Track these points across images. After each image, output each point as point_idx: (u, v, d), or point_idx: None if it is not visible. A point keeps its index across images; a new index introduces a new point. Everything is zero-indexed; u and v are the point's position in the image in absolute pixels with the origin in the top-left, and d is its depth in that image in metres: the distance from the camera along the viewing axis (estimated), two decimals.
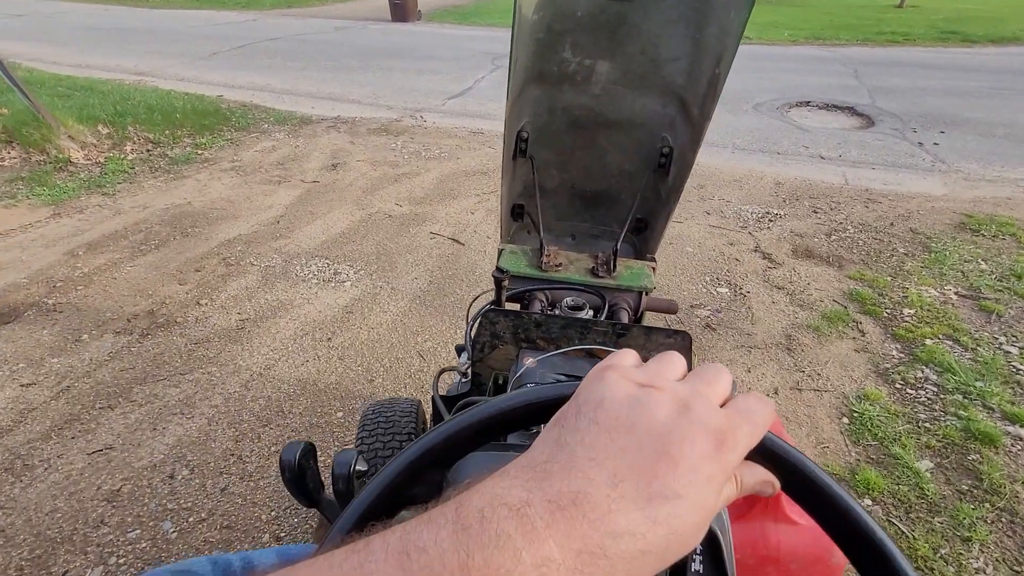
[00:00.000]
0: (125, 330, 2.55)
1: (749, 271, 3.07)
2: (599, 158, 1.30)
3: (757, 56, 8.94)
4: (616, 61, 1.12)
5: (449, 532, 0.23)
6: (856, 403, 2.14)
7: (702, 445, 0.27)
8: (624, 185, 1.34)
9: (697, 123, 1.14)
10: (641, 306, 1.20)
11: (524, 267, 1.22)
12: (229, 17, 12.63)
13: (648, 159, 1.26)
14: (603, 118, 1.23)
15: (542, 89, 1.19)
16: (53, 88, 6.42)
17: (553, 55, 1.12)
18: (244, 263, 3.11)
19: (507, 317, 0.96)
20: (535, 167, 1.29)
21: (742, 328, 2.59)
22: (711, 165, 4.57)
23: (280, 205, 3.86)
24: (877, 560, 0.31)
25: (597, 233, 1.46)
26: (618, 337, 0.92)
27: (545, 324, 0.95)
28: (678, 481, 0.26)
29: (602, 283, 1.19)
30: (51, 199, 3.90)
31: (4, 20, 11.94)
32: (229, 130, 5.47)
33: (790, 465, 0.33)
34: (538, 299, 1.17)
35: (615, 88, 1.17)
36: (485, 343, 0.98)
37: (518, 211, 1.42)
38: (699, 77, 1.09)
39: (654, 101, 1.17)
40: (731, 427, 0.29)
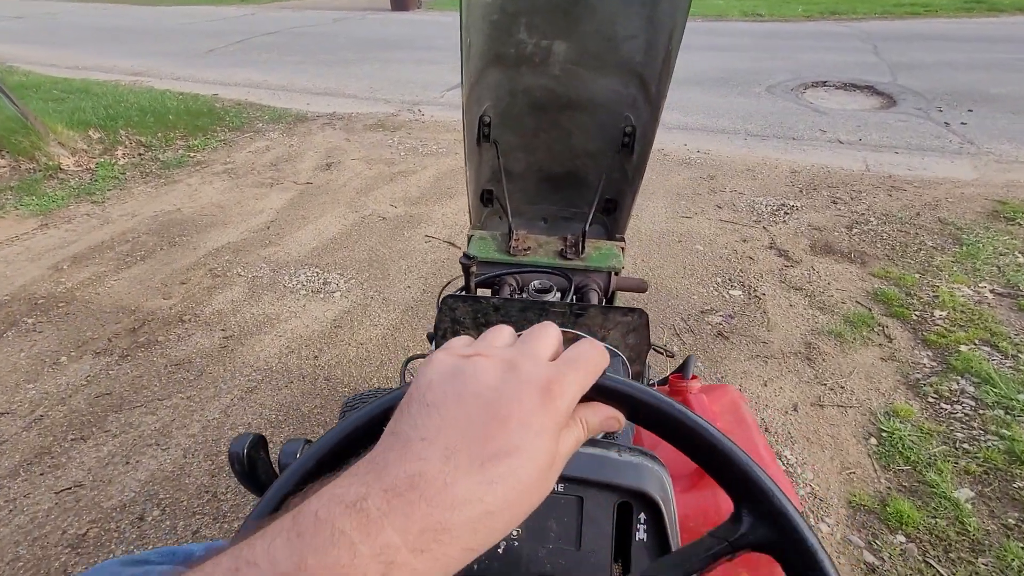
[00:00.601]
0: (105, 350, 2.43)
1: (764, 270, 2.87)
2: (564, 140, 1.31)
3: (769, 34, 8.58)
4: (573, 41, 1.11)
5: (283, 541, 0.24)
6: (885, 421, 1.95)
7: (529, 399, 0.29)
8: (590, 166, 1.34)
9: (655, 101, 1.14)
10: (611, 286, 1.20)
11: (493, 252, 1.22)
12: (228, 12, 12.46)
13: (612, 139, 1.26)
14: (565, 99, 1.22)
15: (501, 72, 1.18)
16: (48, 92, 6.33)
17: (509, 37, 1.11)
18: (231, 274, 2.98)
19: (466, 303, 0.96)
20: (500, 151, 1.29)
21: (757, 335, 2.41)
22: (722, 153, 4.34)
23: (271, 209, 3.73)
24: (732, 470, 0.35)
25: (568, 215, 1.46)
26: (576, 317, 0.93)
27: (503, 308, 0.95)
28: (510, 439, 0.27)
29: (570, 265, 1.18)
30: (40, 209, 3.80)
31: (5, 23, 11.90)
32: (223, 130, 5.33)
33: (628, 397, 0.35)
34: (508, 284, 1.17)
35: (574, 68, 1.16)
36: (447, 329, 0.98)
37: (487, 196, 1.42)
38: (655, 54, 1.09)
39: (614, 80, 1.17)
40: (558, 376, 0.30)
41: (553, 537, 0.51)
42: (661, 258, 3.01)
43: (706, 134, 4.79)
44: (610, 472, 0.52)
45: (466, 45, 1.07)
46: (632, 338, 0.92)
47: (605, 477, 0.52)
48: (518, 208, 1.42)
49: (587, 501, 0.52)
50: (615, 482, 0.52)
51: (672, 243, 3.16)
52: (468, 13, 1.03)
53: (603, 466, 0.53)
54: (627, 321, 0.91)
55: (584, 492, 0.52)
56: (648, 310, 1.31)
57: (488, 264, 1.22)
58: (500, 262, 1.21)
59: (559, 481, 0.43)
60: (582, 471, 0.52)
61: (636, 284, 1.27)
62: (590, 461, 0.53)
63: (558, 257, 1.20)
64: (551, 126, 1.28)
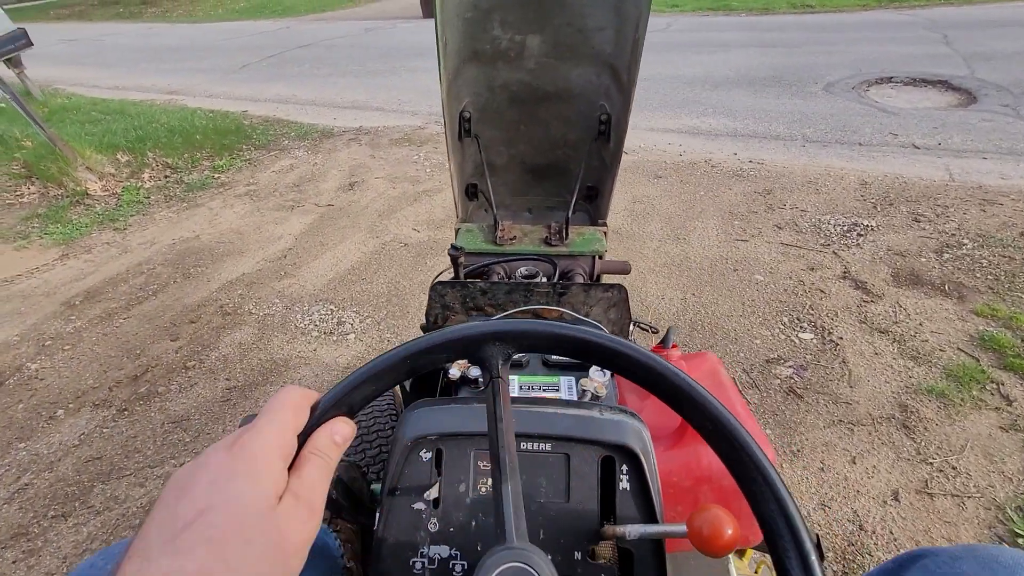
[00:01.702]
0: (105, 401, 2.26)
1: (839, 307, 2.45)
2: (543, 131, 1.33)
3: (822, 26, 7.96)
4: (546, 34, 1.14)
5: None
6: (1018, 518, 1.54)
7: (215, 459, 0.33)
8: (570, 155, 1.37)
9: (627, 89, 1.16)
10: (595, 269, 1.24)
11: (480, 243, 1.26)
12: (264, 26, 12.63)
13: (589, 128, 1.29)
14: (542, 91, 1.25)
15: (478, 68, 1.21)
16: (87, 113, 6.42)
17: (484, 34, 1.14)
18: (242, 311, 2.78)
19: (454, 288, 0.99)
20: (481, 146, 1.32)
21: (837, 393, 2.01)
22: (778, 163, 3.90)
23: (290, 236, 3.54)
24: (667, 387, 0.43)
25: (551, 204, 1.49)
26: (560, 296, 0.97)
27: (490, 291, 0.98)
28: (195, 503, 0.31)
29: (555, 251, 1.23)
30: (63, 238, 3.74)
31: (59, 46, 12.42)
32: (249, 149, 5.23)
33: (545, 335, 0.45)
34: (496, 272, 1.21)
35: (549, 61, 1.19)
36: (437, 315, 1.01)
37: (472, 190, 1.44)
38: (624, 44, 1.12)
39: (588, 71, 1.20)
40: (247, 429, 0.36)
41: (544, 492, 0.56)
42: (715, 291, 2.63)
43: (758, 141, 4.35)
44: (593, 429, 0.57)
45: (442, 43, 1.08)
46: (613, 313, 0.97)
47: (589, 434, 0.57)
48: (503, 200, 1.46)
49: (573, 457, 0.57)
50: (598, 438, 0.57)
51: (727, 272, 2.77)
52: (442, 11, 1.04)
53: (587, 424, 0.58)
54: (608, 297, 0.96)
55: (570, 449, 0.57)
56: None
57: (476, 255, 1.25)
58: (487, 252, 1.25)
59: (546, 440, 0.57)
60: (568, 430, 0.57)
61: (620, 267, 1.31)
62: (575, 421, 0.58)
63: (543, 244, 1.25)
64: (530, 119, 1.31)
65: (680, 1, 11.10)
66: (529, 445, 0.58)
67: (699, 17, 9.72)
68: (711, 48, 7.24)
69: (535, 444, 0.58)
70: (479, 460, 0.58)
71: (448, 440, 0.59)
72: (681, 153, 4.26)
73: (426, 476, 0.58)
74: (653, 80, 6.08)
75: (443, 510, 0.57)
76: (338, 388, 0.42)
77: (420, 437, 0.59)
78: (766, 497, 0.36)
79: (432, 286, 1.01)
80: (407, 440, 0.58)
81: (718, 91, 5.54)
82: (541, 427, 0.58)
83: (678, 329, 1.26)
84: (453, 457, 0.59)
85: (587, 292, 0.97)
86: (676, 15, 10.10)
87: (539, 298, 0.99)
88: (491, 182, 1.35)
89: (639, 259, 2.95)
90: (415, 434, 0.59)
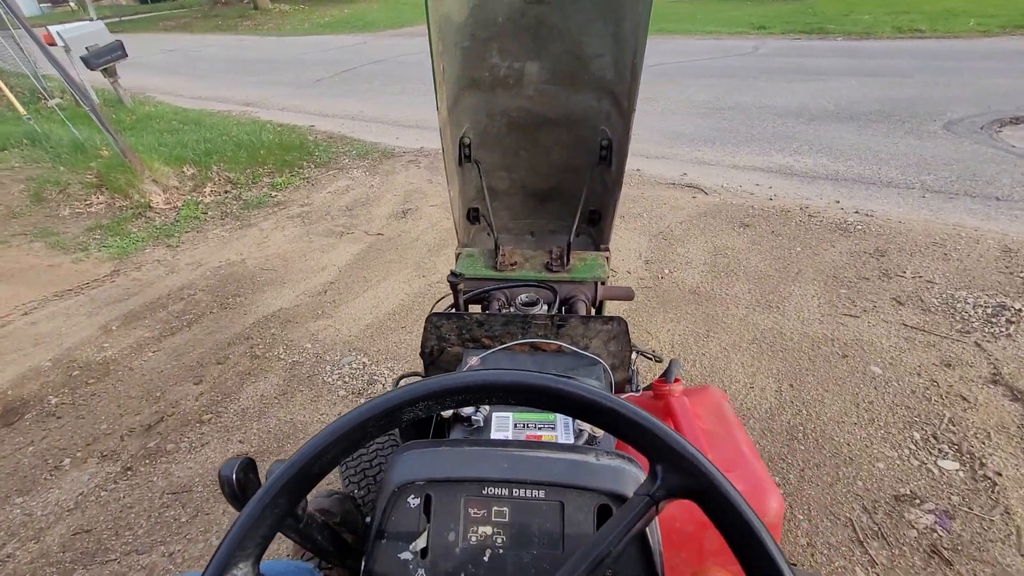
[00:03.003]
0: (112, 454, 2.07)
1: (991, 425, 1.90)
2: (544, 156, 1.32)
3: (935, 54, 7.10)
4: (544, 62, 1.14)
5: None
6: None
7: None
8: (571, 179, 1.34)
9: (627, 114, 1.14)
10: (598, 296, 1.21)
11: (480, 269, 1.25)
12: (343, 41, 13.01)
13: (590, 152, 1.27)
14: (541, 117, 1.24)
15: (477, 95, 1.20)
16: (168, 122, 6.64)
17: (482, 62, 1.14)
18: (271, 355, 2.56)
19: (450, 320, 0.97)
20: (482, 171, 1.30)
21: (1001, 559, 1.48)
22: (892, 217, 3.30)
23: (334, 267, 3.33)
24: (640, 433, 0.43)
25: (554, 228, 1.46)
26: (558, 329, 0.95)
27: (487, 322, 0.97)
28: None
29: (556, 278, 1.21)
30: (119, 251, 3.72)
31: (159, 56, 13.32)
32: (309, 166, 5.16)
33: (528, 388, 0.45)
34: (496, 299, 1.18)
35: (548, 88, 1.18)
36: (433, 347, 0.99)
37: (474, 214, 1.41)
38: (623, 70, 1.10)
39: (587, 97, 1.19)
40: None
41: (537, 542, 0.54)
42: (819, 385, 2.13)
43: (866, 188, 3.75)
44: (589, 476, 0.55)
45: (439, 71, 1.06)
46: (613, 345, 0.94)
47: (584, 481, 0.55)
48: (505, 224, 1.44)
49: (568, 505, 0.55)
50: (594, 486, 0.55)
51: (834, 358, 2.26)
52: (439, 40, 1.03)
53: (582, 471, 0.56)
54: (607, 329, 0.94)
55: (565, 496, 0.55)
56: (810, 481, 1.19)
57: (476, 280, 1.22)
58: (487, 278, 1.22)
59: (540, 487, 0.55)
60: (562, 476, 0.55)
61: (623, 293, 1.26)
62: (570, 467, 0.56)
63: (544, 270, 1.23)
64: (531, 144, 1.29)
65: (767, 22, 10.41)
66: (522, 492, 0.56)
67: (790, 41, 9.02)
68: (805, 75, 6.60)
69: (528, 491, 0.56)
70: (470, 507, 0.55)
71: (438, 486, 0.56)
72: (771, 197, 3.74)
73: (414, 523, 0.55)
74: (738, 109, 5.55)
75: (431, 561, 0.54)
76: None
77: (408, 483, 0.56)
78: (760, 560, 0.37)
79: (428, 317, 0.99)
80: (395, 485, 0.56)
81: (815, 125, 4.94)
82: (535, 473, 0.56)
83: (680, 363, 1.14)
84: (443, 504, 0.56)
85: (586, 324, 0.94)
86: (763, 37, 9.44)
87: (538, 330, 0.96)
88: (492, 206, 1.37)
89: (721, 329, 2.49)
90: (402, 479, 0.56)
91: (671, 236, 3.35)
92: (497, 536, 0.54)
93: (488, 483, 0.56)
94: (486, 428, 0.78)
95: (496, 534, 0.54)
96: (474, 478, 0.56)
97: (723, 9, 12.57)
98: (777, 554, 0.37)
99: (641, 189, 4.05)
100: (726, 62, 7.70)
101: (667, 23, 11.22)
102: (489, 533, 0.54)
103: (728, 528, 0.39)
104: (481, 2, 1.04)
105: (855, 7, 11.15)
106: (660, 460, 0.41)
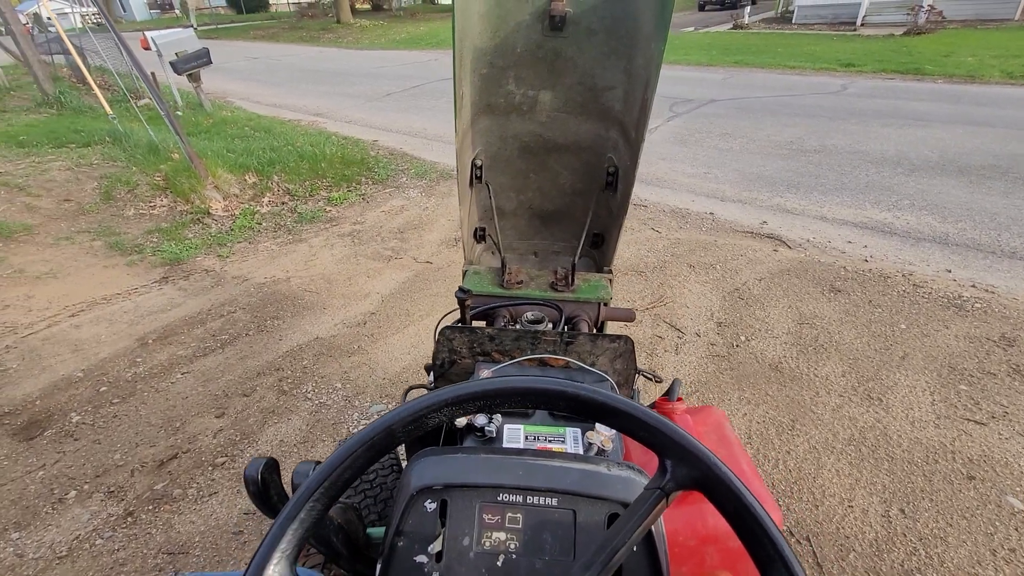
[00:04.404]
0: (119, 492, 1.92)
1: None
2: (552, 180, 1.36)
3: None
4: (557, 91, 1.18)
5: None
6: None
7: None
8: (577, 203, 1.38)
9: (635, 144, 1.18)
10: (600, 316, 1.23)
11: (487, 286, 1.26)
12: (416, 57, 13.28)
13: (596, 178, 1.31)
14: (552, 143, 1.28)
15: (492, 120, 1.24)
16: (241, 128, 6.82)
17: (498, 88, 1.18)
18: (299, 392, 2.38)
19: (463, 333, 0.99)
20: (491, 192, 1.34)
21: None
22: (1020, 296, 2.79)
23: (377, 295, 3.15)
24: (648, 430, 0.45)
25: (558, 249, 1.50)
26: (567, 345, 0.97)
27: (498, 337, 0.98)
28: None
29: (561, 297, 1.24)
30: (171, 257, 3.71)
31: (243, 62, 14.05)
32: (367, 182, 5.10)
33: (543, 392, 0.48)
34: (502, 315, 1.20)
35: (559, 115, 1.23)
36: (444, 359, 1.00)
37: (480, 233, 1.45)
38: (633, 103, 1.15)
39: (597, 126, 1.23)
40: None
41: (549, 549, 0.55)
42: (938, 513, 1.71)
43: (984, 257, 3.24)
44: (600, 486, 0.57)
45: (459, 95, 1.11)
46: (619, 363, 0.96)
47: (596, 491, 0.57)
48: (511, 243, 1.50)
49: (580, 514, 0.56)
50: (606, 494, 0.56)
51: (956, 479, 1.83)
52: (460, 67, 1.08)
53: (594, 480, 0.57)
54: (614, 347, 0.95)
55: (576, 505, 0.56)
56: None
57: (483, 297, 1.24)
58: (494, 295, 1.25)
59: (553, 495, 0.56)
60: (575, 486, 0.57)
61: (625, 314, 1.28)
62: (582, 476, 0.57)
63: (550, 289, 1.26)
64: (540, 167, 1.34)
65: (856, 59, 9.75)
66: (535, 499, 0.56)
67: (882, 80, 8.38)
68: (902, 120, 6.02)
69: (542, 498, 0.56)
70: (484, 513, 0.56)
71: (454, 491, 0.57)
72: (867, 258, 3.29)
73: (430, 527, 0.56)
74: (825, 153, 5.08)
75: (446, 564, 0.54)
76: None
77: (426, 487, 0.57)
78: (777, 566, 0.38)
79: (440, 331, 1.00)
80: (413, 489, 0.57)
81: (917, 177, 4.41)
82: (548, 481, 0.57)
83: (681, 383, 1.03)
84: (459, 509, 0.57)
85: (594, 342, 0.96)
86: (851, 76, 8.83)
87: (547, 346, 0.97)
88: (499, 226, 1.40)
89: (809, 421, 2.10)
90: (421, 483, 0.57)
91: (748, 295, 2.97)
92: (511, 542, 0.55)
93: (503, 490, 0.57)
94: (498, 439, 0.78)
95: (510, 540, 0.55)
96: (490, 484, 0.57)
97: (804, 44, 11.95)
98: (777, 535, 0.38)
99: (715, 236, 3.68)
100: (811, 100, 7.19)
101: (745, 55, 10.76)
102: (503, 539, 0.55)
103: (732, 514, 0.41)
104: (503, 33, 1.10)
105: (956, 48, 10.30)
106: (669, 455, 0.43)
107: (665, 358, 2.52)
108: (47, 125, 6.48)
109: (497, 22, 1.08)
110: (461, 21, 1.02)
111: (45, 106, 7.86)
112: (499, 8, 1.06)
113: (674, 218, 4.00)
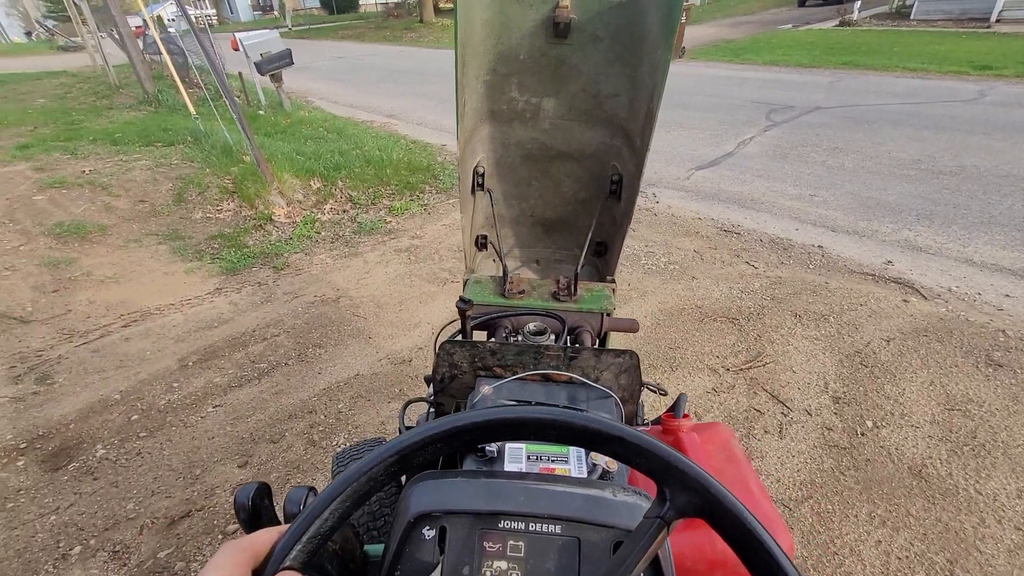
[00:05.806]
0: (123, 553, 1.72)
1: None
2: (555, 187, 1.35)
3: None
4: (561, 98, 1.18)
5: None
6: None
7: None
8: (580, 211, 1.37)
9: (640, 152, 1.16)
10: (603, 327, 1.21)
11: (488, 296, 1.24)
12: None
13: (600, 186, 1.30)
14: (555, 150, 1.27)
15: (494, 127, 1.23)
16: (315, 129, 6.85)
17: (501, 96, 1.17)
18: (329, 443, 2.11)
19: (463, 348, 0.96)
20: (493, 199, 1.33)
21: None
22: None
23: (427, 325, 2.85)
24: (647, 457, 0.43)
25: (560, 257, 1.49)
26: (570, 361, 0.94)
27: (500, 352, 0.96)
28: None
29: (564, 307, 1.21)
30: (228, 266, 3.62)
31: (327, 61, 14.47)
32: (431, 191, 4.86)
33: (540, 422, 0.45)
34: (503, 326, 1.17)
35: (563, 123, 1.22)
36: (445, 374, 0.98)
37: (482, 241, 1.43)
38: (638, 111, 1.13)
39: (601, 133, 1.22)
40: None
41: None
42: None
43: None
44: (606, 513, 0.54)
45: (461, 103, 1.10)
46: (624, 378, 0.93)
47: (600, 518, 0.54)
48: (512, 251, 1.48)
49: (584, 541, 0.53)
50: (611, 522, 0.54)
51: None
52: (463, 74, 1.06)
53: (599, 507, 0.55)
54: (619, 362, 0.92)
55: (581, 532, 0.54)
56: None
57: (486, 307, 1.21)
58: (495, 305, 1.21)
59: (556, 522, 0.53)
60: (579, 512, 0.54)
61: (628, 325, 1.25)
62: (587, 502, 0.55)
63: (552, 299, 1.22)
64: (543, 175, 1.33)
65: (993, 61, 8.39)
66: (538, 526, 0.54)
67: None
68: None
69: (544, 525, 0.54)
70: (485, 540, 0.53)
71: (453, 517, 0.55)
72: None
73: (428, 555, 0.53)
74: (964, 176, 4.24)
75: None
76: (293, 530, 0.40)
77: (424, 513, 0.54)
78: None
79: (440, 345, 0.97)
80: (411, 516, 0.54)
81: None
82: (552, 507, 0.54)
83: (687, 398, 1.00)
84: (458, 536, 0.54)
85: (598, 357, 0.92)
86: (989, 80, 7.58)
87: (550, 361, 0.93)
88: (501, 233, 1.41)
89: (975, 566, 1.54)
90: (419, 510, 0.54)
91: (874, 362, 2.39)
92: (512, 571, 0.52)
93: (504, 516, 0.54)
94: (499, 459, 0.73)
95: (511, 569, 0.52)
96: (490, 511, 0.54)
97: (926, 42, 10.50)
98: (784, 560, 0.37)
99: (825, 276, 3.08)
100: (941, 109, 6.19)
101: (854, 55, 9.60)
102: (504, 568, 0.52)
103: (737, 541, 0.39)
104: (506, 39, 1.08)
105: None
106: (667, 481, 0.41)
107: (766, 442, 2.02)
108: (142, 123, 6.79)
109: (500, 29, 1.07)
110: (463, 27, 1.00)
111: (145, 104, 8.34)
112: (503, 15, 1.05)
113: (774, 250, 3.41)
